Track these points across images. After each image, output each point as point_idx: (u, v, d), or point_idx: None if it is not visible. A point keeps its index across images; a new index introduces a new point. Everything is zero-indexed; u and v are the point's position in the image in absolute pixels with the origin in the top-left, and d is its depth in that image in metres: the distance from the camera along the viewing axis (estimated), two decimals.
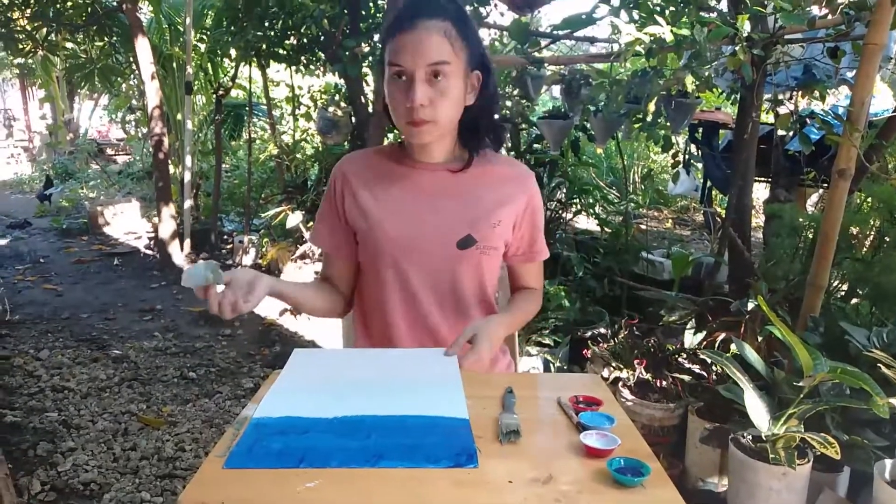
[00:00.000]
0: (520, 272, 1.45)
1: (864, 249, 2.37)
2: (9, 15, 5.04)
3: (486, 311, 1.38)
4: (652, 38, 2.03)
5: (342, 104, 4.44)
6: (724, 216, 2.82)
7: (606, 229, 3.70)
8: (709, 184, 4.65)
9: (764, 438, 1.52)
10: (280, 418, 0.91)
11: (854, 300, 2.24)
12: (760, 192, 5.38)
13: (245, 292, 1.12)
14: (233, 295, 1.11)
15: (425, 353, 1.20)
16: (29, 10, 5.06)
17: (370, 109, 4.29)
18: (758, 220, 4.77)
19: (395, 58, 1.17)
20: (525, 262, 1.42)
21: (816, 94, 2.39)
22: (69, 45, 6.02)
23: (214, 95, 5.53)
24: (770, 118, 3.57)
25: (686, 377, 2.22)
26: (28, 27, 5.22)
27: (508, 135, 3.48)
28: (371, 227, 1.30)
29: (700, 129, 4.31)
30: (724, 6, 2.55)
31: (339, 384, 1.03)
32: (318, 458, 0.81)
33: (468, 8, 4.24)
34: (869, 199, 2.47)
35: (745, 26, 1.98)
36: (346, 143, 4.70)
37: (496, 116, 1.33)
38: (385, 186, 1.31)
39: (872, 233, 2.40)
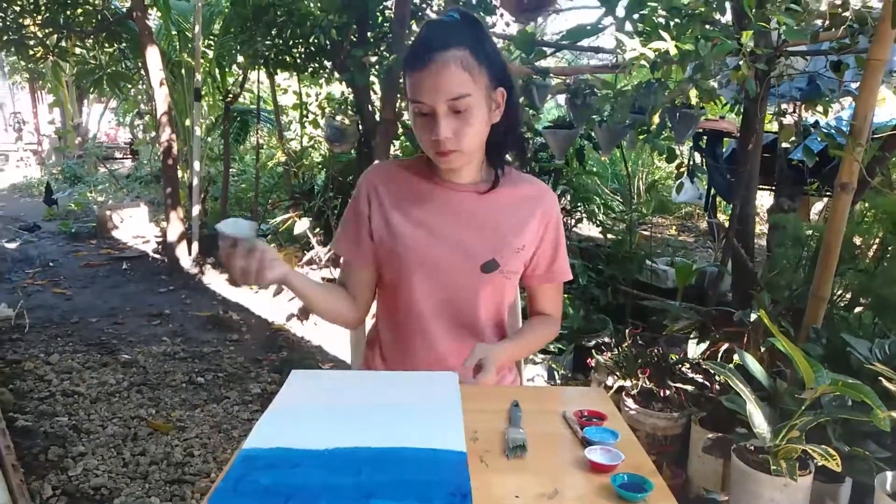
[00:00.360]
0: (536, 295, 1.41)
1: (868, 260, 2.39)
2: (20, 21, 5.10)
3: (500, 334, 1.37)
4: (656, 53, 2.05)
5: (349, 113, 4.48)
6: (727, 226, 2.84)
7: (610, 237, 3.73)
8: (713, 192, 4.66)
9: (766, 449, 1.54)
10: (271, 450, 0.88)
11: (857, 309, 2.26)
12: (764, 199, 5.39)
13: (265, 265, 1.10)
14: (256, 263, 1.09)
15: (426, 377, 1.18)
16: (40, 17, 5.12)
17: (377, 118, 4.33)
18: (762, 227, 4.78)
19: (415, 95, 1.16)
20: (542, 283, 1.38)
21: (819, 107, 2.41)
22: (79, 50, 6.08)
23: (223, 101, 5.57)
24: (774, 126, 3.60)
25: (689, 387, 2.24)
26: (39, 34, 5.27)
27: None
28: (397, 245, 1.29)
29: (704, 138, 4.32)
30: (728, 17, 2.57)
31: (334, 411, 1.01)
32: (305, 497, 0.78)
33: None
34: (872, 210, 2.49)
35: (749, 41, 2.00)
36: (353, 152, 4.73)
37: (520, 130, 1.32)
38: (413, 204, 1.30)
39: (875, 243, 2.42)
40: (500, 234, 1.29)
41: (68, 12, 5.06)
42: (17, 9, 5.00)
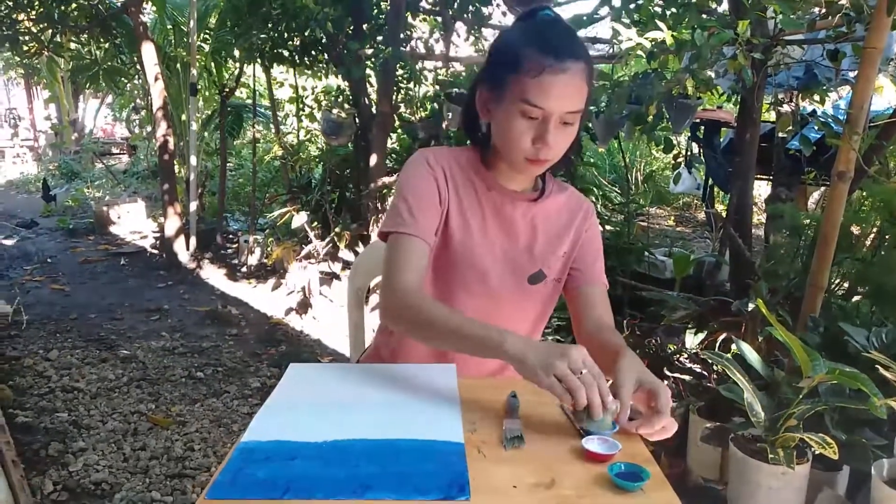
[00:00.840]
0: (586, 299, 1.29)
1: (865, 249, 2.39)
2: (14, 17, 5.07)
3: None
4: (653, 43, 2.05)
5: (346, 106, 4.47)
6: (725, 216, 2.84)
7: (608, 228, 3.73)
8: (710, 182, 4.66)
9: (764, 438, 1.55)
10: (268, 442, 0.88)
11: (855, 298, 2.27)
12: (762, 189, 5.40)
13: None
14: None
15: (424, 370, 1.17)
16: (34, 12, 5.10)
17: (374, 111, 4.32)
18: (759, 217, 4.79)
19: (537, 99, 1.08)
20: (588, 285, 1.29)
21: (816, 96, 2.40)
22: (74, 46, 6.06)
23: (219, 96, 5.56)
24: (771, 116, 3.59)
25: (687, 377, 2.25)
26: (33, 29, 5.25)
27: None
28: (449, 245, 1.23)
29: (702, 128, 4.32)
30: (724, 7, 2.56)
31: (332, 404, 1.01)
32: (303, 488, 0.78)
33: (471, 9, 4.27)
34: (870, 199, 2.49)
35: (746, 31, 2.00)
36: (350, 145, 4.73)
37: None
38: (469, 205, 1.24)
39: (873, 232, 2.42)
40: (547, 242, 1.27)
41: (63, 7, 5.04)
42: (11, 4, 4.98)
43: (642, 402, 0.98)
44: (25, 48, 5.24)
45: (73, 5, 5.16)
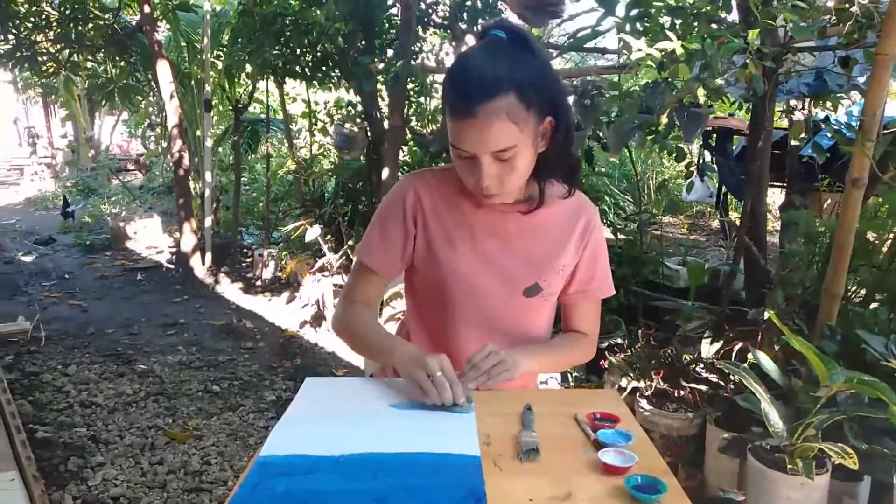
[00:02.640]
0: (571, 312, 1.35)
1: (881, 255, 2.37)
2: (33, 38, 5.18)
3: None
4: (663, 53, 2.05)
5: (358, 120, 4.51)
6: (739, 224, 2.82)
7: (621, 237, 3.72)
8: (724, 190, 4.64)
9: (782, 448, 1.53)
10: (286, 457, 0.89)
11: (872, 305, 2.24)
12: (776, 196, 5.36)
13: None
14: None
15: None
16: (52, 33, 5.20)
17: (386, 125, 4.35)
18: (774, 224, 4.76)
19: (457, 142, 1.09)
20: (579, 302, 1.32)
21: (829, 103, 2.39)
22: (90, 65, 6.16)
23: (232, 112, 5.63)
24: (784, 123, 3.58)
25: (703, 387, 2.23)
26: (51, 49, 5.36)
27: None
28: (440, 270, 1.25)
29: (714, 136, 4.31)
30: (734, 16, 2.57)
31: (348, 418, 1.02)
32: (321, 502, 0.79)
33: (481, 22, 4.29)
34: (885, 205, 2.47)
35: (756, 39, 2.00)
36: (362, 158, 4.76)
37: (571, 153, 1.23)
38: (456, 225, 1.25)
39: (889, 238, 2.40)
40: (542, 255, 1.26)
41: (79, 27, 5.14)
42: (30, 25, 5.08)
43: None
44: (43, 68, 5.34)
45: (90, 25, 5.26)
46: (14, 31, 4.99)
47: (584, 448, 0.95)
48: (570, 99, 3.37)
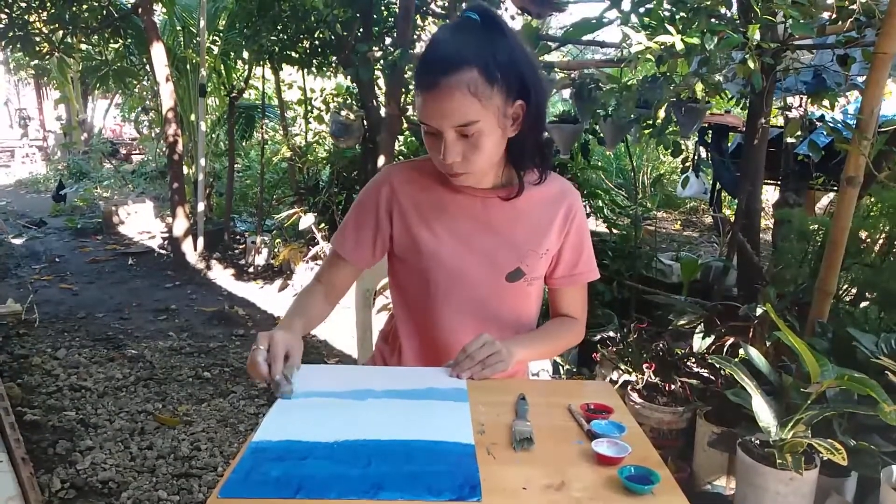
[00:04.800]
0: (559, 297, 1.37)
1: (874, 254, 2.38)
2: (26, 18, 5.11)
3: None
4: (662, 46, 2.05)
5: (354, 108, 4.49)
6: (732, 220, 2.83)
7: (615, 231, 3.72)
8: (718, 186, 4.64)
9: (771, 443, 1.54)
10: (280, 442, 0.89)
11: (863, 304, 2.26)
12: (770, 194, 5.38)
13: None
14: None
15: (433, 372, 1.18)
16: (45, 13, 5.13)
17: (382, 113, 4.33)
18: (767, 221, 4.77)
19: (422, 116, 1.12)
20: (566, 286, 1.34)
21: (826, 101, 2.40)
22: (84, 47, 6.09)
23: (227, 97, 5.59)
24: (780, 120, 3.58)
25: (694, 381, 2.24)
26: (44, 30, 5.29)
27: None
28: (422, 259, 1.26)
29: (710, 132, 4.30)
30: (733, 11, 2.56)
31: (342, 404, 1.02)
32: (315, 488, 0.78)
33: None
34: (879, 204, 2.48)
35: (755, 35, 1.99)
36: (358, 147, 4.74)
37: (543, 137, 1.24)
38: (436, 213, 1.26)
39: (882, 238, 2.41)
40: (525, 240, 1.26)
41: (73, 8, 5.07)
42: (23, 5, 5.02)
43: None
44: (36, 49, 5.28)
45: (84, 6, 5.20)
46: (6, 10, 4.92)
47: (577, 438, 0.95)
48: (568, 92, 3.37)
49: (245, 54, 5.32)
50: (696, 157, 4.26)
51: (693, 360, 2.34)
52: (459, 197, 1.26)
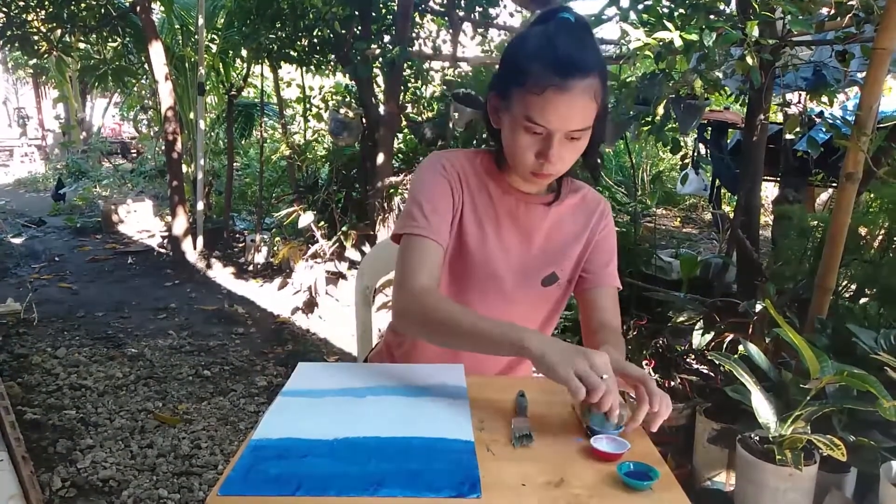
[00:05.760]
0: (593, 301, 1.29)
1: (873, 250, 2.38)
2: (24, 17, 5.11)
3: None
4: (661, 43, 2.04)
5: (353, 105, 4.48)
6: (732, 217, 2.83)
7: (615, 228, 3.72)
8: (717, 183, 4.64)
9: (771, 439, 1.54)
10: (279, 440, 0.88)
11: (862, 300, 2.26)
12: (769, 190, 5.38)
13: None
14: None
15: (433, 369, 1.17)
16: (44, 12, 5.13)
17: (381, 111, 4.33)
18: (767, 218, 4.77)
19: (539, 117, 1.06)
20: (599, 290, 1.29)
21: (825, 98, 2.40)
22: (83, 45, 6.09)
23: (226, 95, 5.59)
24: (779, 117, 3.58)
25: (694, 378, 2.25)
26: (43, 29, 5.29)
27: None
28: (465, 254, 1.23)
29: (709, 129, 4.31)
30: (732, 7, 2.56)
31: (342, 402, 1.01)
32: (315, 485, 0.78)
33: (478, 10, 4.27)
34: (878, 200, 2.48)
35: (754, 31, 1.99)
36: (356, 145, 4.74)
37: (601, 147, 1.22)
38: (485, 210, 1.24)
39: (881, 234, 2.41)
40: (561, 245, 1.26)
41: (72, 7, 5.07)
42: (21, 4, 5.01)
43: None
44: (35, 48, 5.27)
45: (83, 5, 5.20)
46: (5, 9, 4.92)
47: (576, 435, 0.95)
48: None
49: (244, 52, 5.32)
50: (695, 154, 4.26)
51: (692, 356, 2.34)
52: (506, 198, 1.24)
